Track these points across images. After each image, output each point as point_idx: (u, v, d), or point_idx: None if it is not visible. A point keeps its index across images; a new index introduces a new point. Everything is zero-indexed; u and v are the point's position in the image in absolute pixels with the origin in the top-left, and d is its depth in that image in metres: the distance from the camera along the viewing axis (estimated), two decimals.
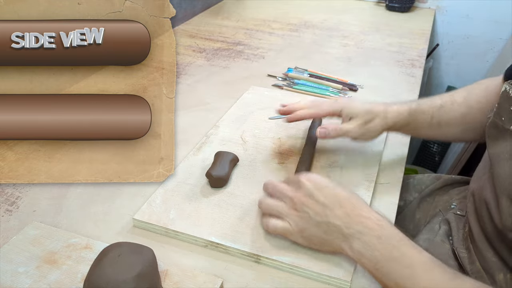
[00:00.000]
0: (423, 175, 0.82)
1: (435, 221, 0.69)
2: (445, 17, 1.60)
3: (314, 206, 0.50)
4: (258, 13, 1.44)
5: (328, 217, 0.49)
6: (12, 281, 0.48)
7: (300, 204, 0.51)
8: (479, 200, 0.58)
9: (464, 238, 0.62)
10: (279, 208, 0.53)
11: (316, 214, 0.50)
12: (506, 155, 0.52)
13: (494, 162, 0.54)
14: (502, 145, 0.53)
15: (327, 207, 0.50)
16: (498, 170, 0.53)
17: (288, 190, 0.53)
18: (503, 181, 0.51)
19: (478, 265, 0.57)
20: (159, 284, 0.46)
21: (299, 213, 0.51)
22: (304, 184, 0.52)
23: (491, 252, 0.56)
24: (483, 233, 0.57)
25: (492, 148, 0.55)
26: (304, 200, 0.51)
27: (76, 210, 0.60)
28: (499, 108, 0.54)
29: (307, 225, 0.50)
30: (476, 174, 0.64)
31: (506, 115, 0.53)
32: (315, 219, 0.50)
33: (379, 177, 0.67)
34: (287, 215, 0.52)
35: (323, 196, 0.50)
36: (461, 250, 0.61)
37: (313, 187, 0.51)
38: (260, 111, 0.83)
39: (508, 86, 0.53)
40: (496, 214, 0.53)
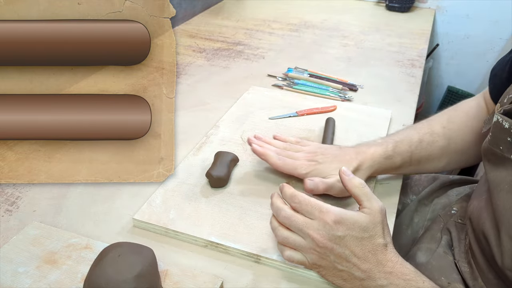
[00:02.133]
0: (420, 176, 0.81)
1: (435, 228, 0.66)
2: (445, 17, 1.60)
3: (339, 254, 0.46)
4: (258, 13, 1.44)
5: (350, 269, 0.46)
6: (12, 281, 0.48)
7: (324, 248, 0.46)
8: (477, 222, 0.56)
9: (465, 251, 0.60)
10: (296, 244, 0.48)
11: (339, 263, 0.46)
12: (506, 187, 0.49)
13: (493, 191, 0.51)
14: (502, 173, 0.51)
15: (351, 259, 0.46)
16: (497, 201, 0.50)
17: (310, 227, 0.46)
18: (503, 216, 0.49)
19: (480, 282, 0.55)
20: (159, 284, 0.46)
21: (321, 255, 0.47)
22: (331, 228, 0.45)
23: (492, 274, 0.53)
24: (483, 256, 0.55)
25: (492, 174, 0.52)
26: (329, 246, 0.46)
27: (76, 210, 0.60)
28: (494, 138, 0.51)
29: (326, 266, 0.48)
30: (477, 188, 0.61)
31: (504, 145, 0.50)
32: (337, 266, 0.47)
33: (379, 177, 0.67)
34: (306, 252, 0.48)
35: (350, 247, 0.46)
36: (463, 264, 0.58)
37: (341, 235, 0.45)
38: (260, 111, 0.83)
39: (500, 117, 0.50)
40: (497, 250, 0.50)
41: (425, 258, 0.61)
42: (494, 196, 0.51)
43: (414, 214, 0.75)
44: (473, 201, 0.60)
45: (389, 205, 0.62)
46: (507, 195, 0.49)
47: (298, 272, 0.51)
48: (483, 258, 0.55)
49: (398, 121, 0.82)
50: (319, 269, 0.48)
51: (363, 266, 0.46)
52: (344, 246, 0.45)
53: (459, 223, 0.64)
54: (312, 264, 0.48)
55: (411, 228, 0.74)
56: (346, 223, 0.45)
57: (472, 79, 1.70)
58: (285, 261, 0.51)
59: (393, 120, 0.82)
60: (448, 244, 0.63)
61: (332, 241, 0.45)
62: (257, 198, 0.61)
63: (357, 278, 0.46)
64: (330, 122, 0.77)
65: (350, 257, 0.46)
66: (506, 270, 0.49)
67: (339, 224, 0.45)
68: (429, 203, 0.75)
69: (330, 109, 0.84)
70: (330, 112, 0.83)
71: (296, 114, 0.82)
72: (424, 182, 0.79)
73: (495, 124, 0.51)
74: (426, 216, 0.73)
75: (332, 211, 0.46)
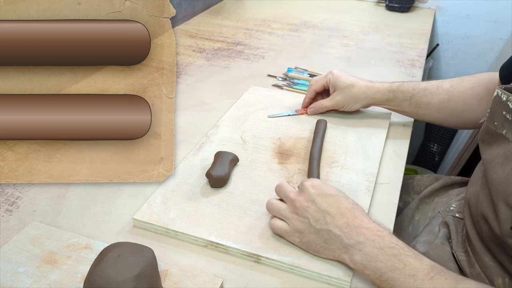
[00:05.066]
0: (422, 176, 0.82)
1: (434, 223, 0.69)
2: (445, 17, 1.60)
3: (315, 212, 0.50)
4: (258, 13, 1.44)
5: (328, 225, 0.49)
6: (12, 281, 0.48)
7: (301, 208, 0.51)
8: (475, 205, 0.58)
9: (462, 241, 0.62)
10: (281, 209, 0.53)
11: (316, 221, 0.50)
12: (500, 160, 0.52)
13: (488, 167, 0.54)
14: (495, 150, 0.53)
15: (328, 214, 0.50)
16: (492, 175, 0.52)
17: (291, 192, 0.53)
18: (498, 186, 0.51)
19: (477, 268, 0.57)
20: (159, 284, 0.46)
21: (299, 217, 0.51)
22: (307, 189, 0.51)
23: (488, 256, 0.56)
24: (480, 238, 0.57)
25: (486, 153, 0.55)
26: (305, 205, 0.51)
27: (76, 210, 0.60)
28: (491, 113, 0.54)
29: (306, 230, 0.50)
30: (473, 177, 0.64)
31: (498, 120, 0.53)
32: (315, 226, 0.50)
33: (379, 177, 0.67)
34: (288, 217, 0.52)
35: (325, 204, 0.50)
36: (460, 253, 0.61)
37: (316, 193, 0.51)
38: (260, 111, 0.83)
39: (500, 91, 0.52)
40: (494, 221, 0.52)
41: (423, 249, 0.64)
42: (489, 172, 0.53)
43: (415, 212, 0.76)
44: (469, 189, 0.63)
45: (389, 204, 0.62)
46: (501, 167, 0.51)
47: (298, 272, 0.51)
48: (479, 241, 0.57)
49: (398, 121, 0.82)
50: (300, 235, 0.51)
51: (340, 222, 0.49)
52: (319, 203, 0.50)
53: (457, 217, 0.66)
54: (294, 231, 0.51)
55: (412, 226, 0.74)
56: (321, 186, 0.52)
57: None
58: (285, 261, 0.51)
59: (393, 120, 0.82)
60: (446, 236, 0.65)
61: (308, 200, 0.51)
62: (257, 198, 0.61)
63: (337, 236, 0.49)
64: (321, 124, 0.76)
65: (326, 213, 0.50)
66: (506, 238, 0.50)
67: (314, 187, 0.51)
68: (430, 201, 0.76)
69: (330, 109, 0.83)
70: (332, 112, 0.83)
71: (295, 113, 0.82)
72: (426, 182, 0.79)
73: (495, 98, 0.54)
74: (427, 214, 0.74)
75: (312, 179, 0.53)
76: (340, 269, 0.50)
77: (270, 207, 0.54)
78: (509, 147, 0.51)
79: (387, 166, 0.70)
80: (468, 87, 0.69)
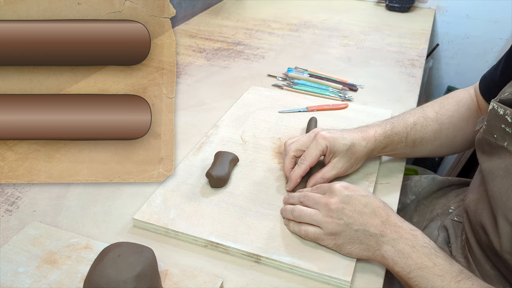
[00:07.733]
0: (420, 177, 0.82)
1: (433, 226, 0.68)
2: (445, 17, 1.60)
3: (351, 213, 0.51)
4: (258, 13, 1.44)
5: (365, 225, 0.50)
6: (12, 281, 0.48)
7: (336, 210, 0.51)
8: (474, 213, 0.57)
9: (462, 246, 0.62)
10: (313, 215, 0.53)
11: (354, 221, 0.50)
12: (500, 172, 0.51)
13: (488, 179, 0.53)
14: (496, 161, 0.53)
15: (364, 214, 0.51)
16: (492, 187, 0.52)
17: (321, 197, 0.53)
18: (498, 200, 0.51)
19: (478, 275, 0.57)
20: (159, 284, 0.46)
21: (335, 220, 0.51)
22: (340, 191, 0.52)
23: (489, 265, 0.55)
24: (479, 246, 0.57)
25: (486, 164, 0.55)
26: (340, 206, 0.51)
27: (76, 210, 0.60)
28: (489, 126, 0.54)
29: (342, 232, 0.51)
30: (472, 183, 0.63)
31: (498, 132, 0.52)
32: (352, 227, 0.50)
33: (379, 177, 0.67)
34: (321, 222, 0.52)
35: (359, 204, 0.51)
36: (460, 259, 0.60)
37: (350, 195, 0.52)
38: (260, 111, 0.83)
39: (495, 104, 0.52)
40: (492, 234, 0.52)
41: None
42: (489, 184, 0.53)
43: (414, 214, 0.75)
44: (468, 195, 0.62)
45: (389, 204, 0.62)
46: (502, 180, 0.51)
47: (298, 272, 0.51)
48: (480, 249, 0.57)
49: None
50: (335, 238, 0.51)
51: (375, 221, 0.50)
52: (355, 204, 0.51)
53: (456, 221, 0.66)
54: (329, 234, 0.51)
55: None
56: (352, 187, 0.53)
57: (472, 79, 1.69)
58: (285, 261, 0.51)
59: None
60: (445, 241, 0.64)
61: (343, 202, 0.51)
62: (257, 198, 0.61)
63: (373, 235, 0.50)
64: (313, 121, 0.77)
65: (362, 213, 0.51)
66: (505, 254, 0.50)
67: (346, 188, 0.53)
68: (428, 203, 0.76)
69: (341, 107, 0.83)
70: (341, 109, 0.83)
71: (306, 110, 0.82)
72: (423, 183, 0.79)
73: (491, 112, 0.53)
74: (425, 216, 0.74)
75: (340, 182, 0.54)
76: (340, 269, 0.50)
77: (299, 213, 0.54)
78: (511, 160, 0.51)
79: (387, 166, 0.70)
80: (453, 110, 0.68)
